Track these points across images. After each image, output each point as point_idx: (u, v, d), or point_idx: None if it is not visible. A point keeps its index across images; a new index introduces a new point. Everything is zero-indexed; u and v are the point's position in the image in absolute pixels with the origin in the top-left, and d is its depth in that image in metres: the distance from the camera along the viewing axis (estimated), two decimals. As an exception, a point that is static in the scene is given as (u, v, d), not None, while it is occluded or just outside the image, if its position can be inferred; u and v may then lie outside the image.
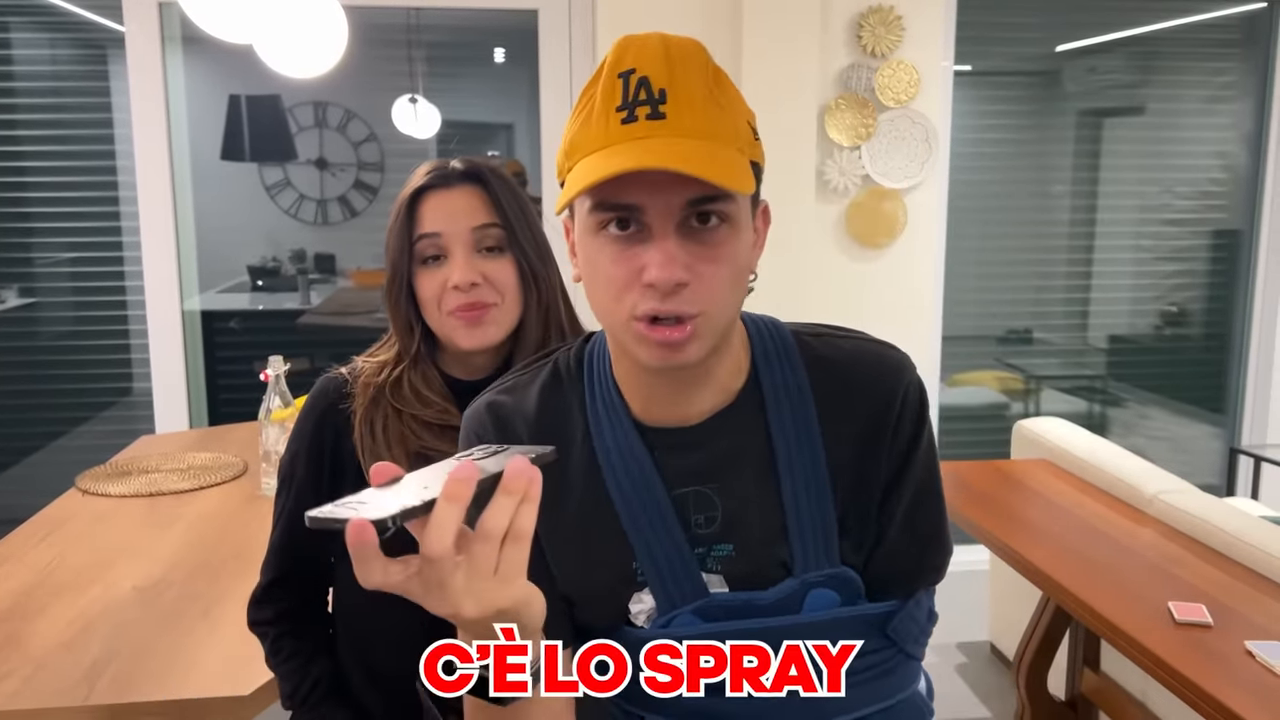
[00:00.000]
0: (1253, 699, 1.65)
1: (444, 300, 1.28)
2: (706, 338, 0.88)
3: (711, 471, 0.95)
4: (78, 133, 3.66)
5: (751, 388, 0.97)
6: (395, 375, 1.33)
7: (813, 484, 0.94)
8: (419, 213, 1.30)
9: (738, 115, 0.88)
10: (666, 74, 0.84)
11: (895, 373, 0.98)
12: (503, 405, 1.02)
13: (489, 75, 4.96)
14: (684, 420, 0.96)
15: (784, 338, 1.00)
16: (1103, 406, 4.32)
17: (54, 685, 1.51)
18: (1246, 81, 4.01)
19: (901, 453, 0.97)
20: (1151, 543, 2.35)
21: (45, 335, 3.93)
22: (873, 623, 0.96)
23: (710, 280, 0.86)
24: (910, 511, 0.97)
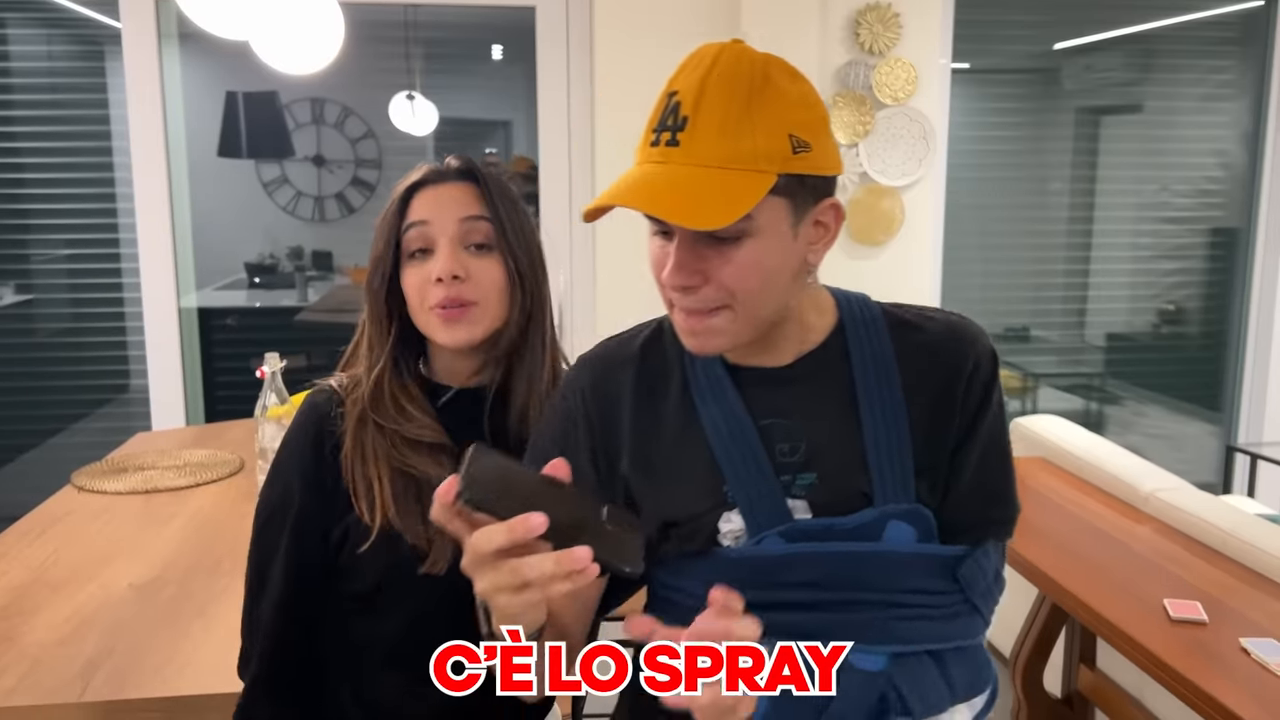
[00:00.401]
0: (1248, 696, 1.65)
1: (427, 294, 1.24)
2: (732, 330, 0.98)
3: (795, 406, 1.03)
4: (75, 129, 3.66)
5: (836, 340, 1.06)
6: (374, 383, 1.27)
7: (892, 426, 1.01)
8: (410, 204, 1.27)
9: (771, 134, 0.92)
10: (695, 99, 0.92)
11: (971, 340, 1.06)
12: (607, 356, 1.13)
13: (487, 72, 4.96)
14: (772, 363, 1.05)
15: (870, 307, 1.10)
16: (1100, 404, 4.32)
17: (49, 682, 1.50)
18: (1244, 79, 4.02)
19: (972, 411, 1.04)
20: (1148, 540, 2.35)
21: (42, 332, 3.93)
22: (944, 563, 1.01)
23: (726, 281, 0.94)
24: (980, 466, 1.04)
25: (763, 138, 0.91)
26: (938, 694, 1.00)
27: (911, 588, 1.00)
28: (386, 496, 1.23)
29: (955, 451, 1.04)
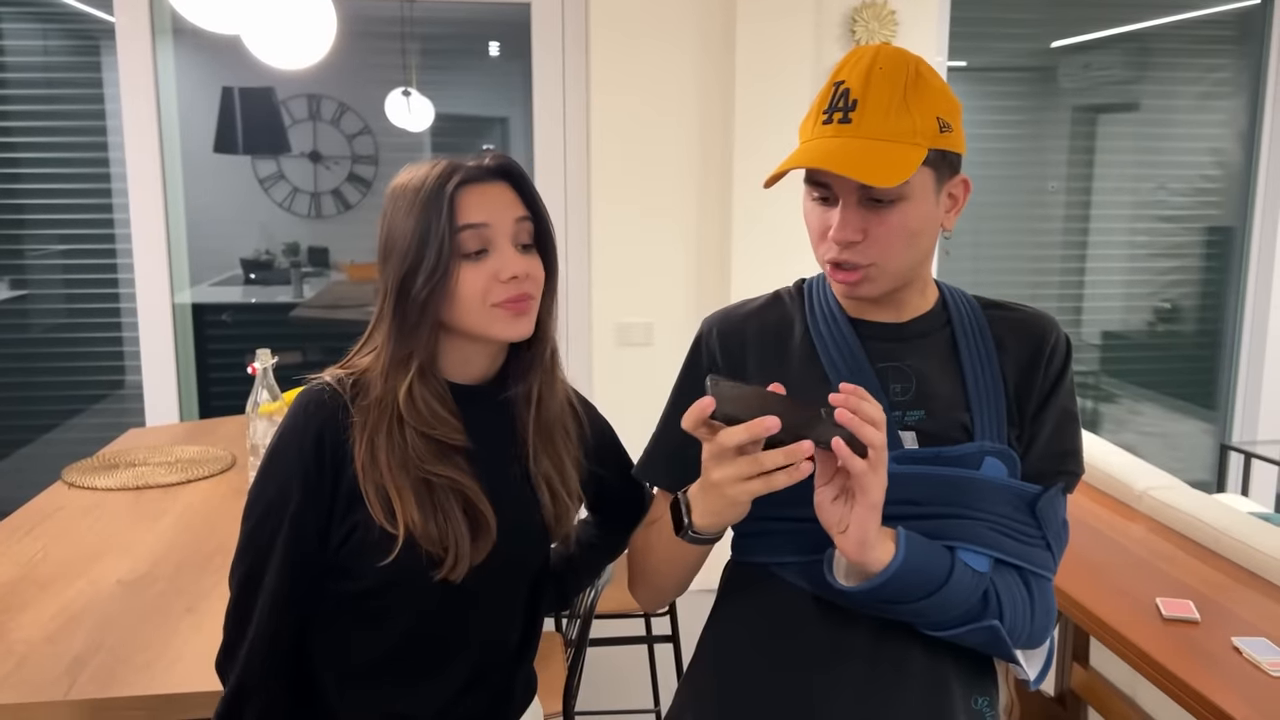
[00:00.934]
0: (1239, 695, 1.64)
1: (491, 293, 1.23)
2: (879, 281, 1.15)
3: (908, 354, 1.20)
4: (69, 124, 3.65)
5: (940, 309, 1.25)
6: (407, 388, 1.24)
7: (989, 378, 1.19)
8: (460, 204, 1.23)
9: (924, 115, 1.10)
10: (863, 87, 1.10)
11: (1050, 323, 1.25)
12: (729, 311, 1.31)
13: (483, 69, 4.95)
14: (891, 319, 1.22)
15: (965, 293, 1.29)
16: (1095, 402, 4.32)
17: (36, 679, 1.50)
18: (1240, 78, 4.01)
19: (1052, 380, 1.21)
20: (1141, 539, 2.35)
21: (36, 328, 3.92)
22: (1026, 499, 1.16)
23: (880, 240, 1.12)
24: (1057, 428, 1.20)
25: (918, 118, 1.09)
26: (1023, 612, 1.14)
27: (1002, 513, 1.14)
28: (411, 509, 1.21)
29: (1037, 413, 1.20)
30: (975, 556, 1.12)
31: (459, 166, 1.25)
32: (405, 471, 1.23)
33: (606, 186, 3.35)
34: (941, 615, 1.10)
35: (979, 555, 1.12)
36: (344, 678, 1.31)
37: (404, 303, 1.24)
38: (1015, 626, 1.13)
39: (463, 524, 1.23)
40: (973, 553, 1.12)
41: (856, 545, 1.03)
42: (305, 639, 1.32)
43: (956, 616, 1.10)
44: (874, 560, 1.04)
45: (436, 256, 1.21)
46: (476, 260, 1.24)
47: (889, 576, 1.04)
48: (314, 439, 1.23)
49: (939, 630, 1.11)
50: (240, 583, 1.28)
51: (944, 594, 1.08)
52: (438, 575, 1.22)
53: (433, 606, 1.27)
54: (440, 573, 1.22)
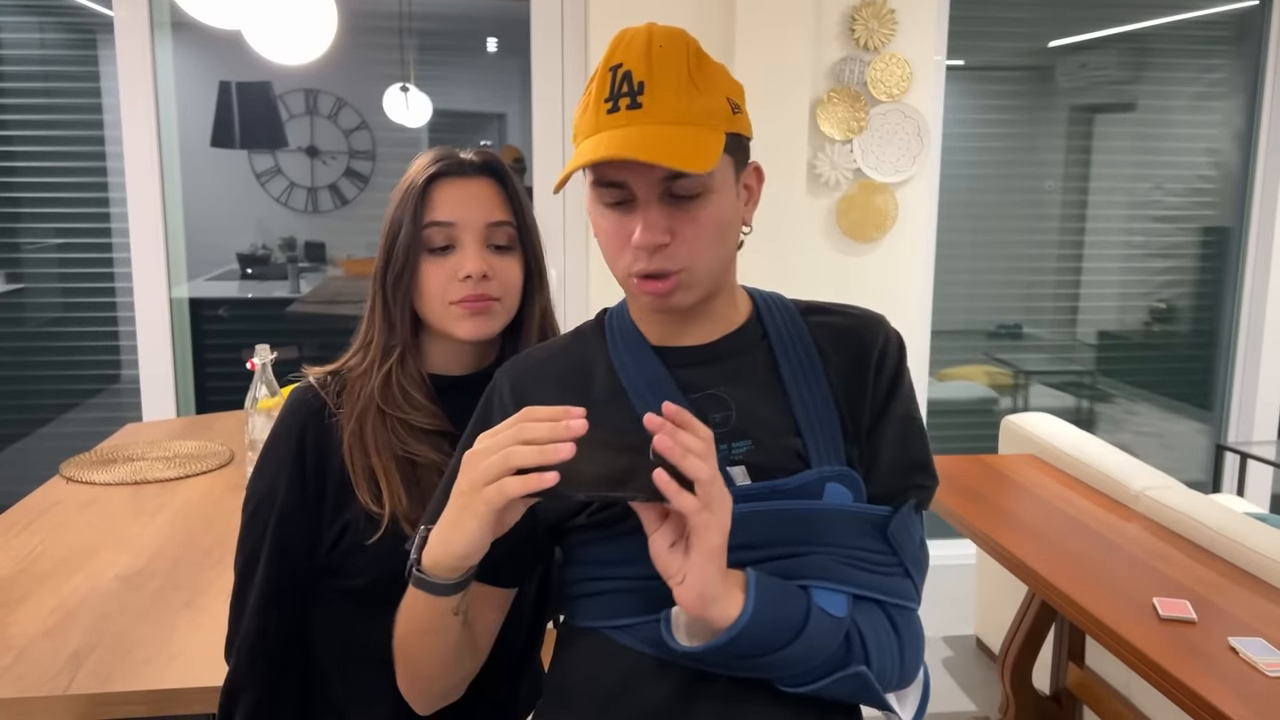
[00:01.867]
0: (1235, 695, 1.65)
1: (449, 290, 1.26)
2: (693, 288, 1.04)
3: (724, 378, 1.08)
4: (66, 118, 3.64)
5: (754, 322, 1.14)
6: (384, 374, 1.28)
7: (817, 394, 1.08)
8: (431, 199, 1.26)
9: (715, 95, 1.01)
10: (646, 67, 0.98)
11: (877, 323, 1.14)
12: (526, 357, 1.18)
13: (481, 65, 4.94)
14: (695, 342, 1.11)
15: (781, 298, 1.18)
16: (1091, 402, 4.33)
17: (35, 674, 1.50)
18: (1237, 79, 4.02)
19: (887, 386, 1.10)
20: (1137, 538, 2.35)
21: (32, 321, 3.91)
22: (876, 524, 1.05)
23: (690, 240, 1.01)
24: (900, 439, 1.10)
25: (710, 98, 1.00)
26: (891, 652, 1.03)
27: (852, 544, 1.03)
28: (395, 484, 1.24)
29: (874, 426, 1.09)
30: (831, 595, 1.00)
31: (444, 158, 1.28)
32: (390, 451, 1.26)
33: (605, 183, 3.36)
34: (801, 666, 0.97)
35: (834, 594, 1.00)
36: (349, 673, 1.32)
37: (382, 293, 1.29)
38: (884, 669, 1.02)
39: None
40: (828, 591, 1.00)
41: (696, 598, 0.89)
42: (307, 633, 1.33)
43: (818, 667, 0.98)
44: (718, 615, 0.91)
45: (405, 250, 1.25)
46: (441, 256, 1.26)
47: (737, 632, 0.91)
48: (297, 438, 1.27)
49: (799, 685, 0.99)
50: (237, 577, 1.31)
51: (802, 642, 0.95)
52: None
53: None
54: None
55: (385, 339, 1.30)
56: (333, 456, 1.27)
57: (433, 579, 0.98)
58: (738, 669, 0.98)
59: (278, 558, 1.27)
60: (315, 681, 1.34)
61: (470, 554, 0.94)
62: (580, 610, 1.09)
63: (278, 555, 1.27)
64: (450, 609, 1.01)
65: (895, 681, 1.04)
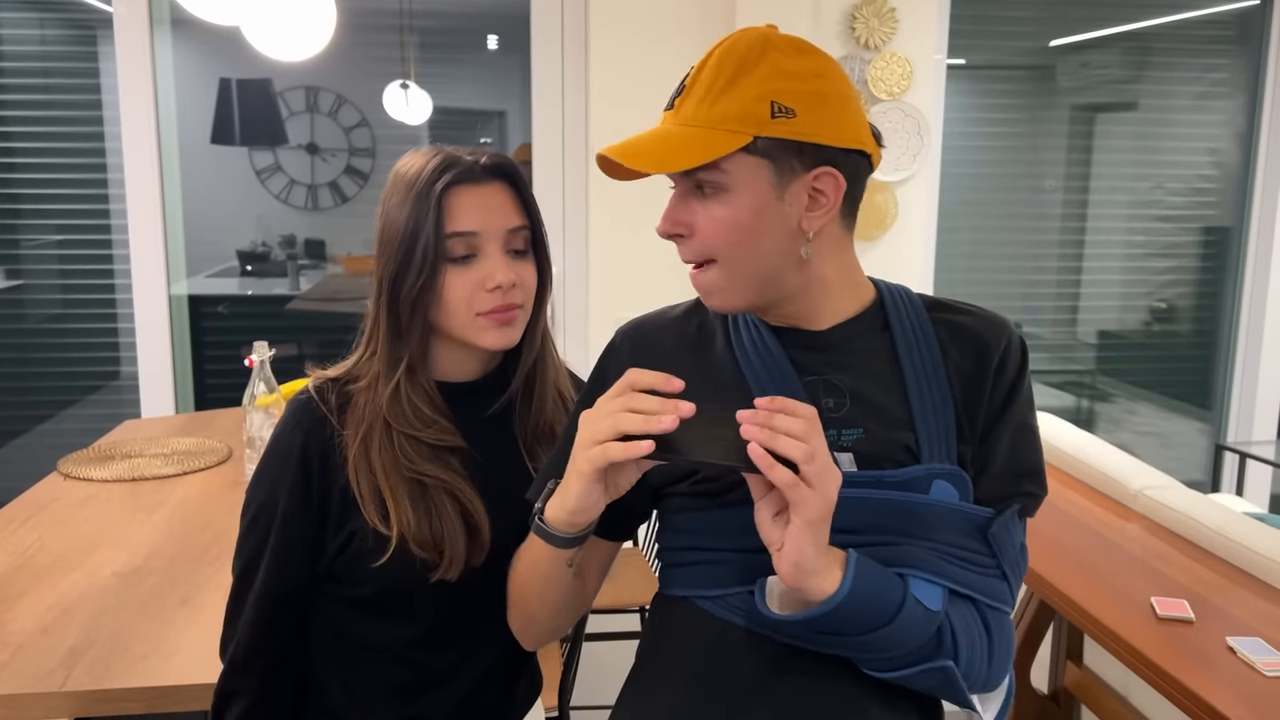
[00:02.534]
0: (1233, 695, 1.65)
1: (476, 301, 1.22)
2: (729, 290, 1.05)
3: (838, 364, 1.08)
4: (66, 114, 3.64)
5: (875, 313, 1.13)
6: (392, 390, 1.24)
7: (936, 390, 1.07)
8: (450, 208, 1.21)
9: (752, 99, 1.00)
10: (699, 70, 1.04)
11: (1002, 325, 1.13)
12: (646, 321, 1.21)
13: (481, 62, 4.94)
14: (809, 327, 1.11)
15: (909, 292, 1.17)
16: (1091, 402, 4.32)
17: (31, 670, 1.50)
18: (1239, 78, 4.02)
19: (1006, 390, 1.09)
20: (1136, 538, 2.35)
21: (32, 318, 3.91)
22: (978, 524, 1.04)
23: (704, 234, 1.04)
24: (1014, 445, 1.09)
25: (739, 103, 1.00)
26: (980, 652, 1.03)
27: (952, 541, 1.03)
28: (405, 508, 1.21)
29: (990, 429, 1.08)
30: (927, 587, 1.00)
31: (453, 163, 1.22)
32: (398, 473, 1.22)
33: (605, 182, 3.35)
34: (889, 653, 0.98)
35: (931, 586, 1.00)
36: (348, 679, 1.31)
37: (395, 303, 1.23)
38: (971, 668, 1.01)
39: (457, 525, 1.23)
40: (925, 582, 1.00)
41: (792, 567, 0.91)
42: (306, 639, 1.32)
43: (906, 655, 0.98)
44: (814, 587, 0.92)
45: (423, 260, 1.20)
46: (464, 265, 1.22)
47: (831, 608, 0.92)
48: (300, 448, 1.24)
49: (884, 671, 0.99)
50: (235, 581, 1.29)
51: (893, 628, 0.95)
52: (433, 577, 1.22)
53: (435, 609, 1.27)
54: (436, 574, 1.22)
55: (392, 351, 1.25)
56: (337, 470, 1.24)
57: (552, 531, 1.04)
58: (825, 645, 0.99)
59: (278, 566, 1.26)
60: (313, 688, 1.33)
61: (580, 510, 1.00)
62: (674, 579, 1.12)
63: (278, 563, 1.25)
64: (565, 560, 1.08)
65: (981, 682, 1.04)
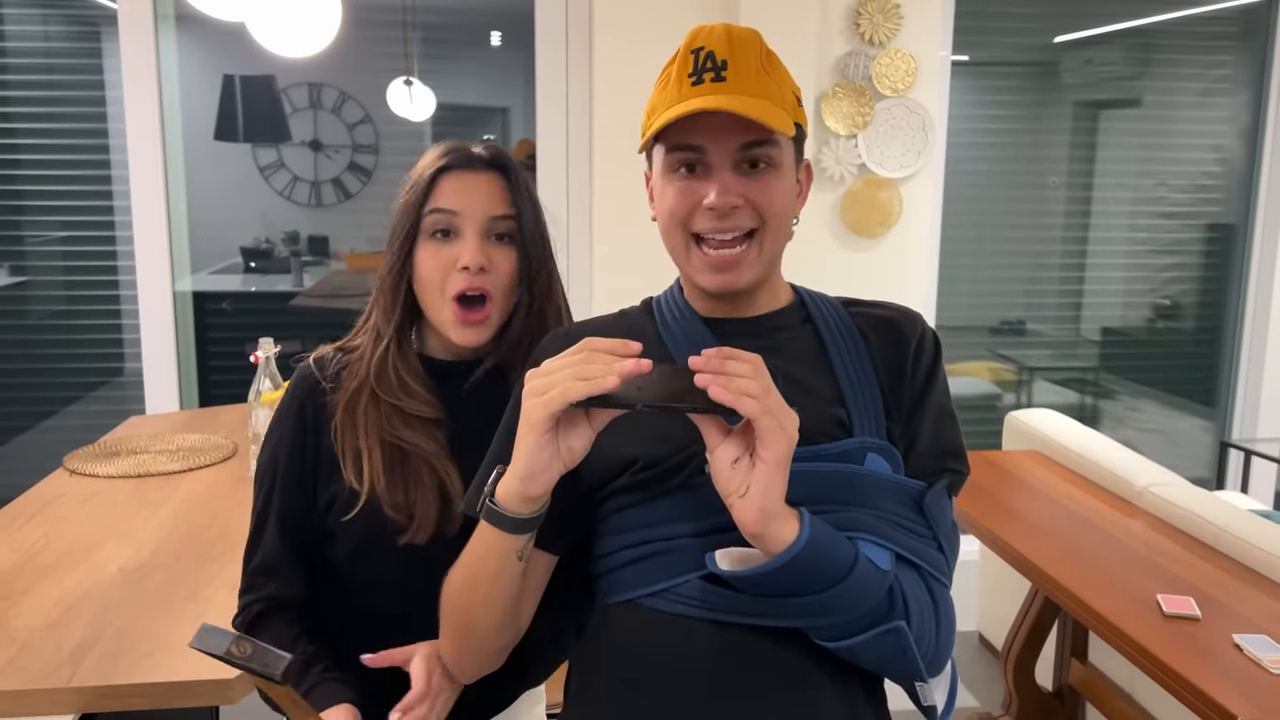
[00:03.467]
0: (1239, 692, 1.65)
1: (448, 281, 1.28)
2: (755, 265, 1.10)
3: (768, 349, 1.07)
4: (70, 110, 3.64)
5: (798, 306, 1.20)
6: (379, 357, 1.32)
7: (859, 371, 1.13)
8: (436, 188, 1.29)
9: (784, 86, 1.11)
10: (728, 50, 1.08)
11: (916, 318, 1.19)
12: (567, 329, 1.24)
13: (485, 58, 4.94)
14: (744, 315, 1.16)
15: (822, 293, 1.24)
16: (1095, 399, 4.32)
17: (37, 666, 1.50)
18: (1244, 75, 4.01)
19: (925, 374, 1.15)
20: (1141, 535, 2.35)
21: (36, 314, 3.91)
22: (912, 495, 1.09)
23: (761, 206, 1.08)
24: (936, 426, 1.14)
25: (778, 88, 1.09)
26: (929, 619, 1.04)
27: (893, 511, 1.07)
28: (376, 466, 1.28)
29: (913, 412, 1.14)
30: (876, 549, 1.02)
31: (453, 151, 1.31)
32: (377, 434, 1.30)
33: (609, 177, 3.35)
34: (846, 613, 0.98)
35: (880, 549, 1.02)
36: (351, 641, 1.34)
37: (386, 277, 1.32)
38: (922, 634, 1.02)
39: (431, 492, 1.29)
40: (873, 545, 1.02)
41: (758, 512, 0.91)
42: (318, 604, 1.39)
43: (862, 617, 0.98)
44: (774, 534, 0.92)
45: (404, 233, 1.29)
46: (440, 242, 1.29)
47: (791, 556, 0.92)
48: (296, 410, 1.34)
49: (841, 638, 1.00)
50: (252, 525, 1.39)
51: (848, 584, 0.96)
52: (402, 540, 1.28)
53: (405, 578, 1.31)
54: (404, 537, 1.28)
55: (383, 321, 1.34)
56: (325, 432, 1.33)
57: (504, 511, 1.01)
58: (781, 613, 0.99)
59: (279, 523, 1.35)
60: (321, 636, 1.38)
61: (531, 473, 0.98)
62: (616, 583, 1.10)
63: (279, 521, 1.35)
64: (516, 550, 1.04)
65: (930, 655, 1.04)
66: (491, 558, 1.06)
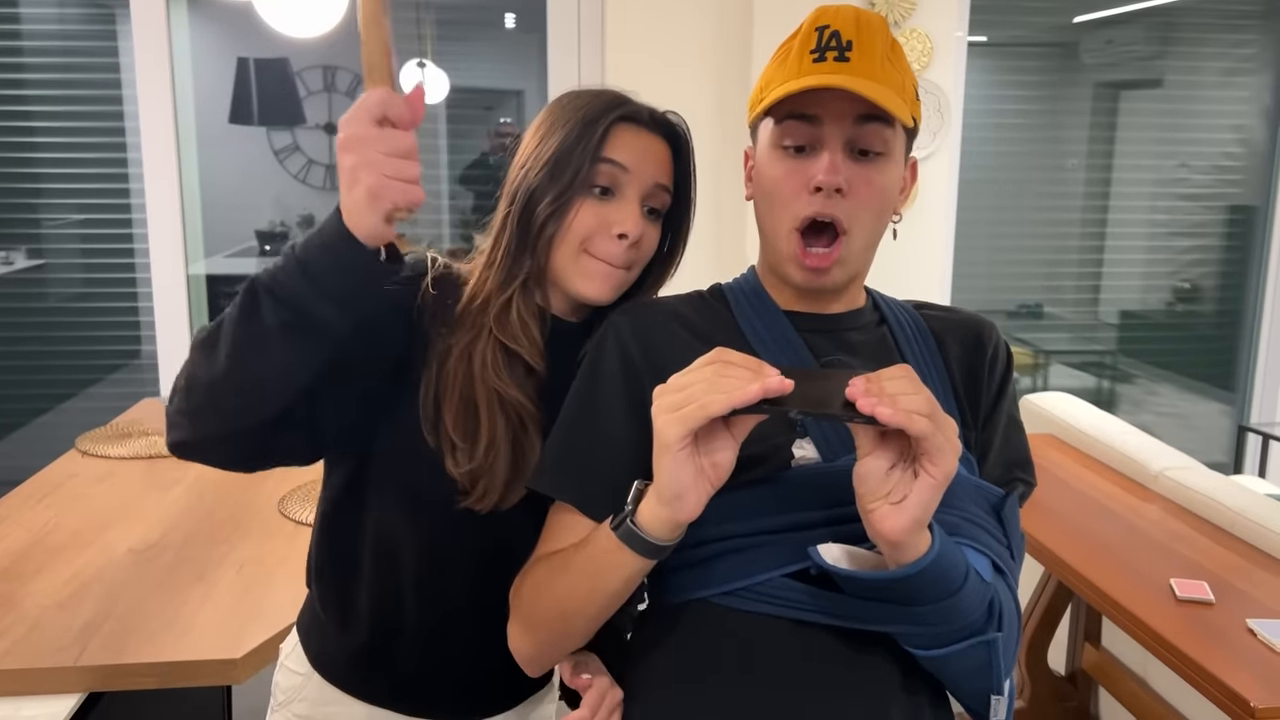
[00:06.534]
0: (1253, 677, 1.63)
1: (594, 240, 1.18)
2: (847, 263, 1.06)
3: (847, 347, 1.09)
4: (86, 93, 3.64)
5: (873, 307, 1.17)
6: (504, 301, 1.20)
7: (936, 378, 1.10)
8: (610, 137, 1.18)
9: (905, 76, 1.06)
10: (855, 31, 1.03)
11: (992, 326, 1.17)
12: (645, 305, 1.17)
13: (498, 41, 4.92)
14: (824, 311, 1.12)
15: (894, 298, 1.21)
16: (1112, 382, 4.29)
17: (47, 645, 1.51)
18: (1266, 54, 3.96)
19: (998, 385, 1.13)
20: (1156, 519, 2.33)
21: (53, 297, 3.93)
22: (992, 501, 1.07)
23: (863, 197, 1.04)
24: (1007, 436, 1.13)
25: (901, 76, 1.05)
26: (1015, 628, 1.02)
27: (980, 516, 1.04)
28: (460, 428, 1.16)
29: (987, 420, 1.12)
30: (977, 557, 0.99)
31: (626, 102, 1.21)
32: (470, 386, 1.18)
33: (621, 160, 3.34)
34: (949, 623, 0.95)
35: (980, 556, 0.99)
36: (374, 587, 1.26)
37: (528, 217, 1.19)
38: (1009, 645, 0.99)
39: (505, 457, 1.17)
40: (974, 552, 0.99)
41: (911, 522, 0.87)
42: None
43: (963, 627, 0.95)
44: (914, 545, 0.88)
45: (571, 178, 1.17)
46: (600, 199, 1.19)
47: (924, 566, 0.89)
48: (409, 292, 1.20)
49: (933, 647, 0.96)
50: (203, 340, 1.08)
51: (960, 597, 0.93)
52: (465, 503, 1.18)
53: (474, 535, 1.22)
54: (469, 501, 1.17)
55: (514, 265, 1.20)
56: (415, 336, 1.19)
57: (647, 536, 0.93)
58: (877, 617, 0.96)
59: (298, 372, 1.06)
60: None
61: (677, 494, 0.89)
62: (686, 582, 1.03)
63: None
64: (646, 571, 0.98)
65: (1008, 666, 1.01)
66: (617, 577, 0.97)
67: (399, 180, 0.94)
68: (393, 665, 1.28)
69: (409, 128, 0.96)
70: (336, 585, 1.29)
